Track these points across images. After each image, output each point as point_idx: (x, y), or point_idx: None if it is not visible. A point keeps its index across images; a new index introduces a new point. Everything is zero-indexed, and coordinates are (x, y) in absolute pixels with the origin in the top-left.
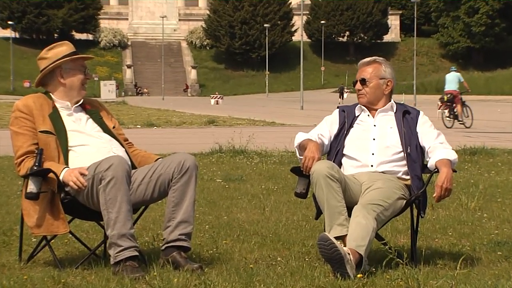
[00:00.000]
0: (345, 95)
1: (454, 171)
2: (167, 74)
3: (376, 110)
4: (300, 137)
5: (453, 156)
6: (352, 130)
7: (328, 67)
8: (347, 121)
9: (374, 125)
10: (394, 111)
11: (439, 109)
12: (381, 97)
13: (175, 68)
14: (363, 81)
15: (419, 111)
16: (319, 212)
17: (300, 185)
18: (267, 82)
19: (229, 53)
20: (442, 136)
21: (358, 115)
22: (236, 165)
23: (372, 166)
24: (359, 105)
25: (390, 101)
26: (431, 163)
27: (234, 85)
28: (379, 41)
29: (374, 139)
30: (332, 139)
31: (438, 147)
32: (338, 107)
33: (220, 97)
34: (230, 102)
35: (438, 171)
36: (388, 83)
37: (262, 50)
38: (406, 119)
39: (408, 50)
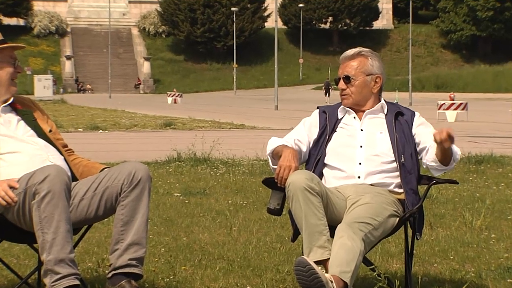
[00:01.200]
0: (331, 92)
1: (455, 182)
2: (115, 67)
3: (363, 111)
4: (273, 142)
5: (459, 152)
6: (335, 135)
7: (307, 59)
8: (329, 124)
9: (361, 130)
10: (385, 112)
11: (438, 109)
12: (369, 96)
13: (125, 60)
14: (347, 79)
15: (414, 112)
16: (296, 232)
17: (273, 199)
18: (235, 77)
19: (189, 42)
20: None
21: (342, 118)
22: (197, 176)
23: (359, 177)
24: (342, 106)
25: (380, 100)
26: (429, 143)
27: (195, 81)
28: (368, 28)
29: (361, 146)
30: (311, 145)
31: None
32: (318, 108)
33: (178, 94)
34: (191, 101)
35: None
36: (377, 80)
37: (228, 38)
38: (399, 122)
39: (402, 39)
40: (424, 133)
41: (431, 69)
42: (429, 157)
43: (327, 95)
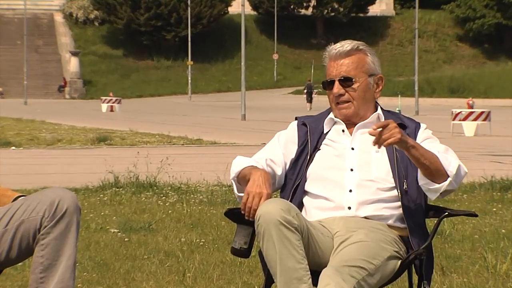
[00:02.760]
0: (313, 97)
1: (474, 215)
2: (32, 65)
3: (354, 124)
4: (239, 163)
5: (453, 163)
6: (319, 154)
7: (284, 55)
8: (310, 140)
9: (352, 148)
10: None
11: (453, 120)
12: (371, 104)
13: (45, 55)
14: (347, 81)
15: (419, 124)
16: (269, 280)
17: (239, 237)
18: (189, 78)
19: (130, 33)
20: (451, 152)
21: (328, 131)
22: (141, 206)
23: (349, 208)
24: (329, 117)
25: (376, 109)
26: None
27: (138, 82)
28: (361, 14)
29: (352, 169)
30: (288, 167)
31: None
32: (297, 119)
33: (116, 100)
34: (133, 109)
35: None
36: (379, 82)
37: (181, 28)
38: None
39: (406, 29)
40: (430, 150)
41: (444, 68)
42: (419, 175)
43: (310, 101)
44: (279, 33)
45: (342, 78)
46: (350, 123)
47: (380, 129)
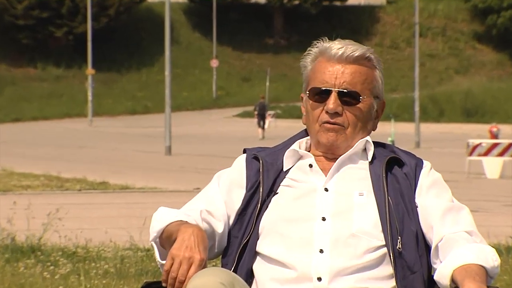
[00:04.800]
0: (268, 122)
1: None
2: None
3: (331, 158)
4: (163, 217)
5: (490, 258)
6: (275, 200)
7: (227, 61)
8: (264, 180)
9: (326, 189)
10: (369, 158)
11: (469, 155)
12: (363, 134)
13: None
14: (351, 97)
15: (420, 162)
16: None
17: None
18: (90, 94)
19: (2, 28)
20: (468, 217)
21: (290, 168)
22: (18, 280)
23: (319, 280)
24: (293, 148)
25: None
26: (443, 272)
27: (14, 99)
28: (338, 3)
29: (324, 219)
30: (233, 221)
31: (459, 239)
32: (245, 152)
33: None
34: (7, 138)
35: None
36: (379, 110)
37: (77, 21)
38: (395, 178)
39: (402, 25)
40: (431, 211)
41: (456, 80)
42: (441, 277)
43: (262, 127)
44: (220, 29)
45: (345, 91)
46: (325, 156)
47: None
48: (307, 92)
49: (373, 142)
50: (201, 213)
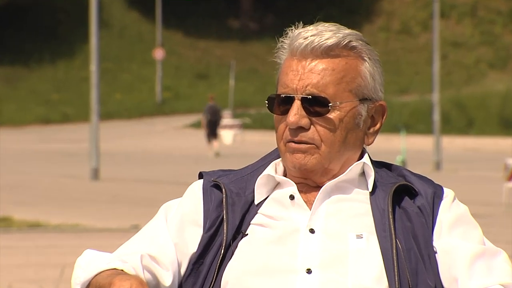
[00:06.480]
0: (228, 135)
1: None
2: None
3: (319, 186)
4: (90, 264)
5: None
6: (245, 244)
7: (176, 51)
8: (228, 218)
9: (312, 230)
10: (369, 187)
11: (508, 180)
12: (351, 152)
13: None
14: (318, 104)
15: (440, 190)
16: None
17: None
18: None
19: None
20: (505, 265)
21: (263, 200)
22: None
23: None
24: (267, 173)
25: (361, 156)
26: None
27: None
28: None
29: (309, 271)
30: (186, 270)
31: None
32: (202, 177)
33: None
34: None
35: None
36: (377, 115)
37: None
38: (405, 213)
39: (416, 2)
40: (459, 256)
41: (491, 77)
42: None
43: (213, 137)
44: (167, 8)
45: (309, 97)
46: (308, 182)
47: None
48: (266, 102)
49: (374, 162)
50: (142, 258)
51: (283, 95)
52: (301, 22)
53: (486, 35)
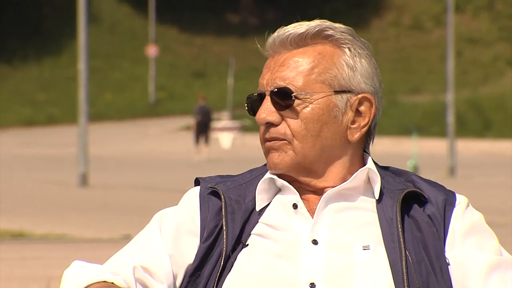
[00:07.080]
0: (227, 139)
1: None
2: None
3: (320, 191)
4: (79, 276)
5: None
6: (245, 255)
7: (170, 48)
8: (228, 228)
9: (315, 241)
10: (376, 195)
11: None
12: (338, 151)
13: None
14: (282, 96)
15: (453, 196)
16: None
17: None
18: None
19: None
20: None
21: (265, 207)
22: None
23: None
24: (268, 176)
25: (363, 163)
26: None
27: None
28: None
29: (313, 285)
30: (182, 282)
31: None
32: (199, 183)
33: None
34: None
35: None
36: (362, 107)
37: None
38: (415, 223)
39: None
40: (473, 268)
41: (510, 75)
42: None
43: (202, 143)
44: (161, 3)
45: (275, 90)
46: (309, 190)
47: None
48: (245, 107)
49: (381, 168)
50: (134, 270)
51: (255, 94)
52: (298, 18)
53: (505, 30)
